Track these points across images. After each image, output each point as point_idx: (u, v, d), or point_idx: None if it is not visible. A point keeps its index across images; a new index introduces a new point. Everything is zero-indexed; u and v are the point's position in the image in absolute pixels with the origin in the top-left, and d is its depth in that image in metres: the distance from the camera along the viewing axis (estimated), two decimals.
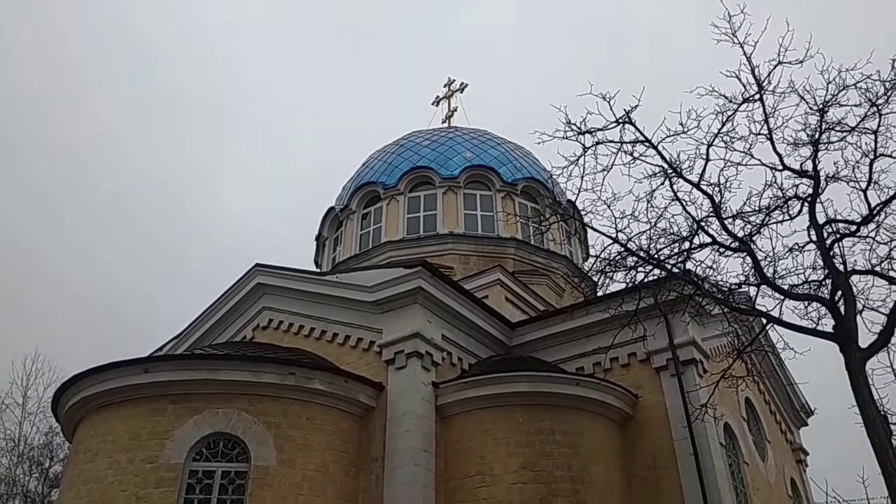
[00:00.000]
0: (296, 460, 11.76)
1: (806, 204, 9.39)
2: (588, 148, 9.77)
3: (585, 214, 10.35)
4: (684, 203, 9.63)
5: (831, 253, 9.26)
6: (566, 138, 9.77)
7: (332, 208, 24.59)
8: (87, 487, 11.46)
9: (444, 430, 13.22)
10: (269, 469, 11.48)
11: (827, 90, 9.30)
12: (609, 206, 9.72)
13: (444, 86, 29.85)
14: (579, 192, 9.73)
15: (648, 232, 9.70)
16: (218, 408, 11.82)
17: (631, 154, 9.75)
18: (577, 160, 9.71)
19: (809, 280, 9.61)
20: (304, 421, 12.21)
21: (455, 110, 28.87)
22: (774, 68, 9.47)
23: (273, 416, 11.98)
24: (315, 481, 11.79)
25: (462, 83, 29.47)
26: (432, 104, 29.90)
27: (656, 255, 9.63)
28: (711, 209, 9.46)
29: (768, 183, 9.62)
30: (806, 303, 9.48)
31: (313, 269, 24.05)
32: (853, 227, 9.37)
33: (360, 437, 12.95)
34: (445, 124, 28.18)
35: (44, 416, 25.37)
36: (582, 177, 9.72)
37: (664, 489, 13.04)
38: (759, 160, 9.62)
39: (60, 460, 25.05)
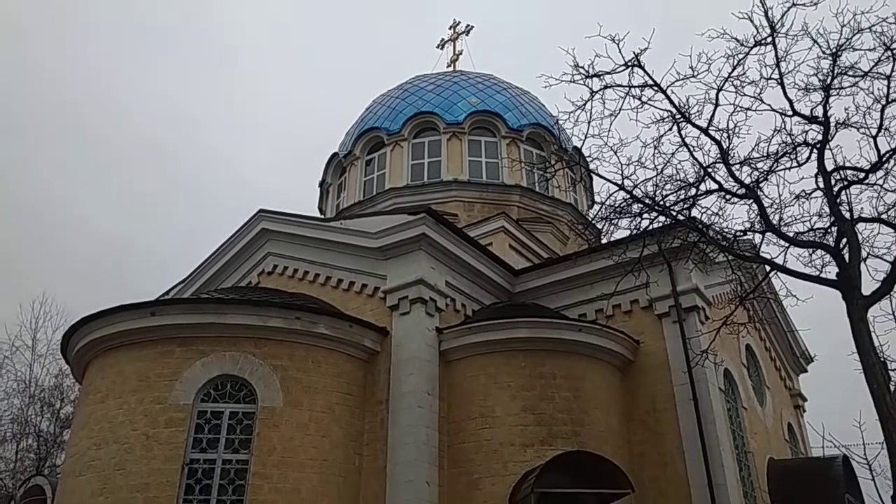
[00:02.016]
0: (302, 401, 11.99)
1: (815, 150, 9.28)
2: (596, 92, 9.63)
3: (591, 161, 10.27)
4: (692, 149, 9.53)
5: (838, 200, 9.20)
6: (573, 82, 9.63)
7: (335, 154, 24.42)
8: (98, 427, 11.74)
9: (447, 373, 13.42)
10: (276, 410, 11.72)
11: (841, 33, 9.10)
12: (615, 153, 9.63)
13: (450, 28, 29.23)
14: (585, 137, 9.62)
15: (655, 178, 9.63)
16: (225, 351, 12.00)
17: (639, 98, 9.61)
18: (585, 105, 9.57)
19: (815, 228, 9.58)
20: (310, 364, 12.41)
21: (460, 54, 28.38)
22: (788, 10, 9.25)
23: (279, 358, 12.16)
24: (321, 422, 12.05)
25: (468, 25, 28.82)
26: (437, 47, 29.35)
27: (662, 202, 9.58)
28: (719, 155, 9.37)
29: (777, 129, 9.50)
30: (810, 250, 9.46)
31: (317, 215, 24.03)
32: (861, 175, 9.29)
33: (366, 380, 13.18)
34: (450, 68, 27.70)
35: (53, 358, 25.79)
36: (589, 122, 9.60)
37: (663, 433, 13.30)
38: (769, 105, 9.48)
39: (71, 401, 25.57)
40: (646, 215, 9.77)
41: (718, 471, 12.41)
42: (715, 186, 9.51)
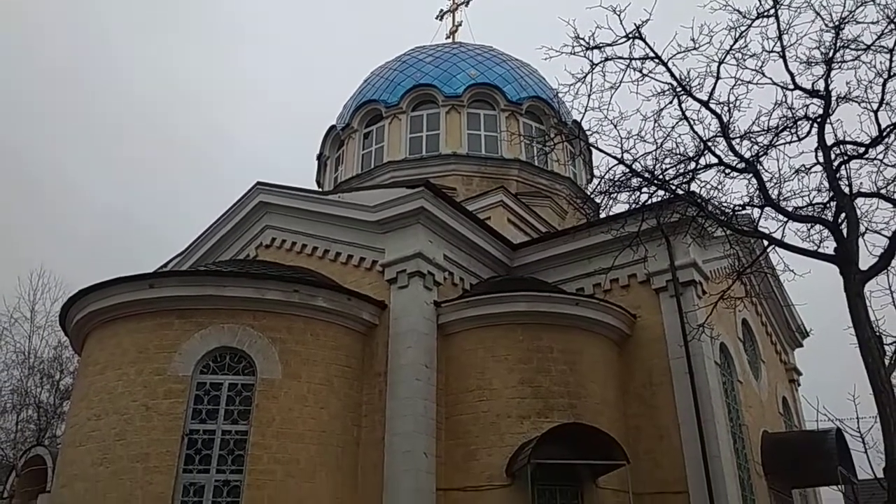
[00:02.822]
0: (301, 374, 12.07)
1: (815, 125, 9.23)
2: (596, 64, 9.53)
3: (591, 135, 10.22)
4: (692, 122, 9.47)
5: (837, 175, 9.17)
6: (574, 54, 9.53)
7: (333, 127, 24.26)
8: (97, 398, 11.82)
9: (445, 346, 13.49)
10: (275, 382, 11.80)
11: (844, 6, 9.00)
12: (615, 126, 9.57)
13: None
14: (586, 110, 9.55)
15: (654, 152, 9.59)
16: (223, 323, 12.04)
17: (640, 71, 9.53)
18: (585, 77, 9.48)
19: (814, 202, 9.56)
20: (308, 336, 12.46)
21: (460, 25, 28.10)
22: None
23: (278, 331, 12.21)
24: (320, 394, 12.14)
25: None
26: (436, 18, 29.04)
27: (661, 176, 9.54)
28: (719, 129, 9.32)
29: (778, 103, 9.44)
30: (809, 225, 9.46)
31: (315, 189, 23.94)
32: (861, 150, 9.25)
33: (364, 352, 13.25)
34: (449, 40, 27.43)
35: (52, 329, 25.86)
36: (589, 95, 9.52)
37: (658, 406, 13.42)
38: (770, 79, 9.40)
39: (70, 373, 25.70)
40: (645, 189, 9.74)
41: (713, 443, 12.55)
42: (714, 160, 9.48)
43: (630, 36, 9.43)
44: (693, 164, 9.53)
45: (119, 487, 10.83)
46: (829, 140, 9.21)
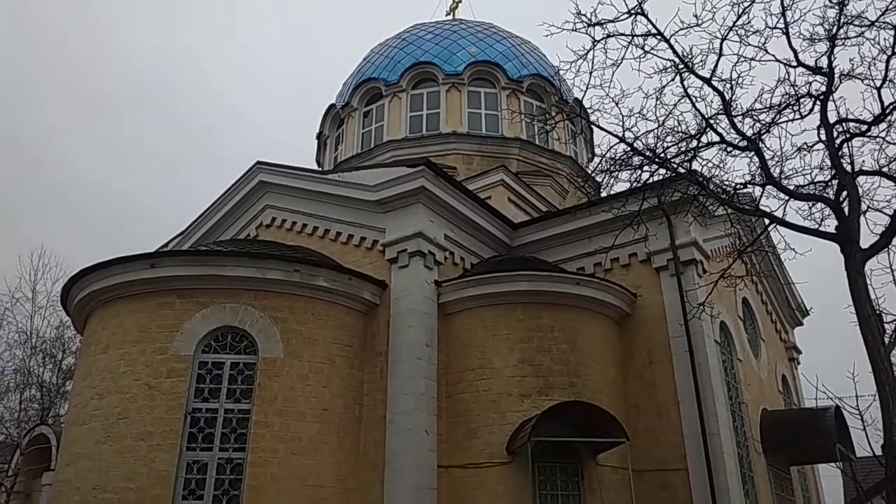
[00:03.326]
0: (302, 353, 12.12)
1: (818, 102, 9.16)
2: (598, 41, 9.43)
3: (592, 113, 10.15)
4: (694, 100, 9.40)
5: (839, 153, 9.13)
6: (575, 31, 9.42)
7: (332, 106, 24.12)
8: (100, 377, 11.89)
9: (446, 326, 13.53)
10: (277, 361, 11.86)
11: None
12: (617, 104, 9.49)
13: None
14: (587, 88, 9.47)
15: (656, 131, 9.52)
16: (224, 302, 12.07)
17: (642, 48, 9.42)
18: (586, 54, 9.39)
19: (815, 181, 9.52)
20: (309, 316, 12.49)
21: (460, 1, 27.78)
22: None
23: (279, 310, 12.24)
24: (321, 373, 12.20)
25: None
26: None
27: (662, 155, 9.50)
28: (721, 106, 9.24)
29: (781, 80, 9.36)
30: (810, 203, 9.42)
31: (315, 168, 23.86)
32: (864, 127, 9.19)
33: (365, 332, 13.29)
34: (450, 17, 27.16)
35: (53, 310, 25.95)
36: (590, 73, 9.42)
37: (658, 384, 13.49)
38: (773, 56, 9.30)
39: (73, 353, 25.80)
40: (646, 168, 9.69)
41: (712, 421, 12.63)
42: (716, 138, 9.42)
43: (632, 12, 9.32)
44: (695, 143, 9.48)
45: (123, 465, 10.93)
46: (832, 118, 9.16)
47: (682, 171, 9.61)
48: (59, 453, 12.83)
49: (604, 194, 13.17)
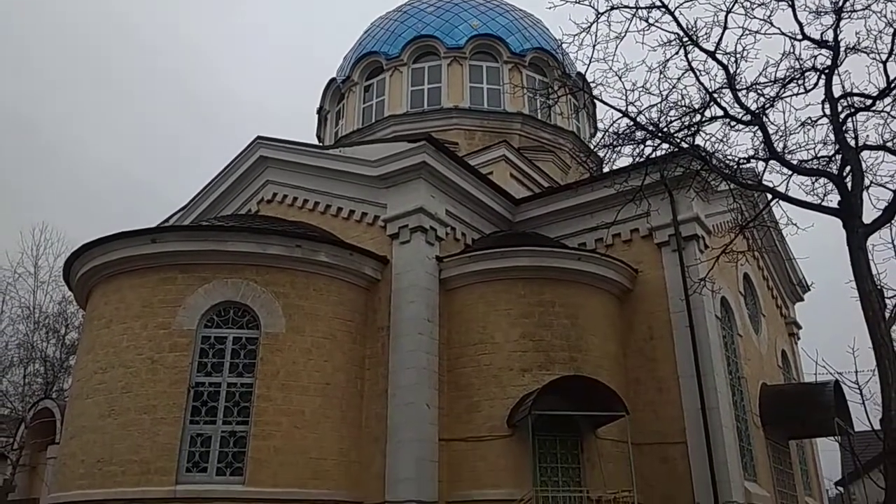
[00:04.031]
0: (304, 328, 12.17)
1: (823, 76, 9.07)
2: (601, 13, 9.31)
3: (595, 87, 10.03)
4: (698, 73, 9.30)
5: (844, 128, 9.06)
6: (579, 2, 9.31)
7: (332, 80, 23.93)
8: (103, 351, 11.96)
9: (447, 301, 13.57)
10: (279, 336, 11.91)
11: None
12: (620, 78, 9.38)
13: None
14: (590, 62, 9.34)
15: (659, 105, 9.44)
16: (226, 277, 12.10)
17: (646, 20, 9.30)
18: (590, 27, 9.28)
19: (819, 156, 9.46)
20: (311, 291, 12.53)
21: None
22: None
23: (281, 286, 12.27)
24: (323, 347, 12.27)
25: None
26: None
27: (665, 129, 9.43)
28: (725, 80, 9.16)
29: (786, 53, 9.26)
30: (813, 178, 9.37)
31: (316, 143, 23.74)
32: (868, 101, 9.11)
33: (367, 307, 13.33)
34: None
35: (56, 285, 25.98)
36: (594, 46, 9.30)
37: (658, 359, 13.56)
38: (778, 29, 9.18)
39: (76, 328, 25.90)
40: (649, 143, 9.62)
41: (712, 395, 12.72)
42: (720, 113, 9.35)
43: None
44: (698, 117, 9.40)
45: (127, 438, 11.04)
46: (837, 92, 9.07)
47: (685, 145, 9.55)
48: (64, 427, 12.95)
49: (606, 170, 13.11)
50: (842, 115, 9.05)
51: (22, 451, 19.44)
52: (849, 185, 8.70)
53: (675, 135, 9.48)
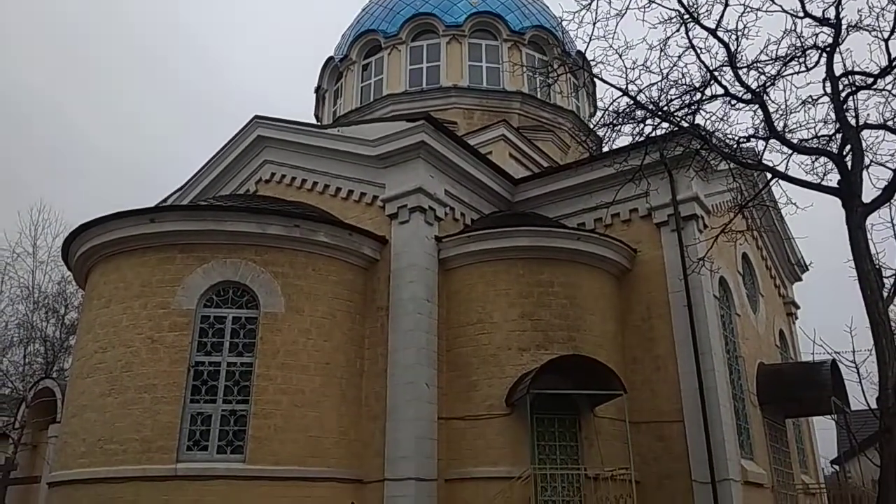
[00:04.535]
0: (304, 308, 12.19)
1: (824, 54, 9.01)
2: None
3: (595, 65, 9.96)
4: (699, 51, 9.24)
5: (844, 107, 9.02)
6: None
7: (330, 58, 23.71)
8: (103, 331, 11.99)
9: (446, 281, 13.59)
10: (279, 315, 11.94)
11: None
12: (620, 56, 9.32)
13: None
14: (590, 39, 9.28)
15: (659, 83, 9.39)
16: (225, 257, 12.10)
17: None
18: (590, 4, 9.20)
19: (819, 135, 9.43)
20: (310, 271, 12.53)
21: None
22: None
23: (280, 266, 12.28)
24: (323, 327, 12.30)
25: None
26: None
27: (666, 108, 9.38)
28: (726, 58, 9.10)
29: (787, 31, 9.19)
30: (813, 158, 9.35)
31: (314, 122, 23.60)
32: (870, 80, 9.06)
33: (366, 287, 13.35)
34: None
35: (55, 265, 26.02)
36: (594, 23, 9.23)
37: (656, 338, 13.62)
38: (779, 6, 9.11)
39: (75, 307, 25.97)
40: (649, 122, 9.58)
41: (709, 374, 12.79)
42: (721, 91, 9.30)
43: None
44: (699, 95, 9.36)
45: (128, 417, 11.11)
46: (838, 70, 9.01)
47: (685, 124, 9.51)
48: (65, 406, 13.02)
49: (605, 149, 13.07)
50: (843, 94, 9.01)
51: (23, 430, 19.55)
52: (849, 164, 8.69)
53: (676, 114, 9.44)
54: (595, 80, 12.71)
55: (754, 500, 13.24)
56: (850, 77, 9.12)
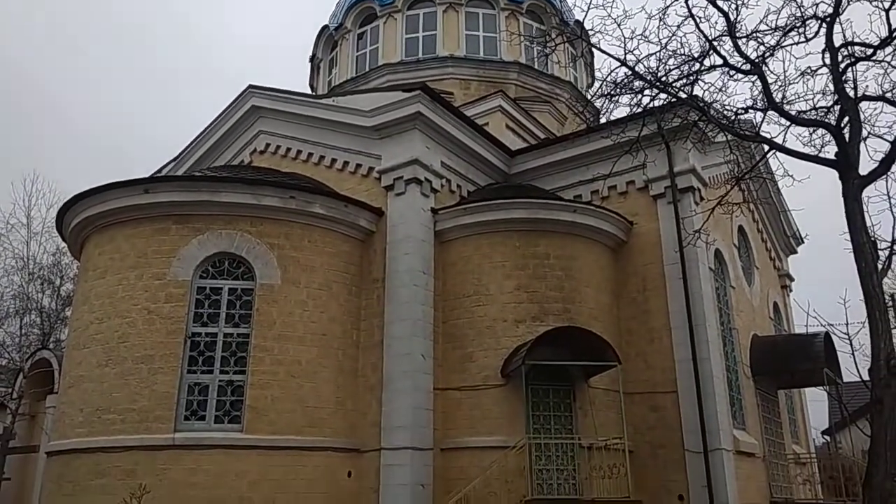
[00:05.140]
0: (300, 279, 12.19)
1: (824, 24, 8.93)
2: None
3: (593, 35, 9.87)
4: (698, 20, 9.16)
5: (843, 78, 8.97)
6: None
7: (325, 27, 23.41)
8: (99, 302, 11.98)
9: (442, 253, 13.59)
10: (275, 287, 11.94)
11: None
12: (619, 25, 9.23)
13: None
14: (588, 8, 9.19)
15: (658, 53, 9.30)
16: (221, 229, 12.06)
17: None
18: None
19: (817, 107, 9.39)
20: (306, 243, 12.51)
21: None
22: None
23: (275, 237, 12.25)
24: (319, 299, 12.31)
25: None
26: None
27: (664, 78, 9.31)
28: (726, 28, 9.02)
29: (787, 0, 9.09)
30: (811, 130, 9.33)
31: (309, 92, 23.37)
32: (869, 51, 9.00)
33: (362, 259, 13.34)
34: None
35: (49, 236, 25.94)
36: None
37: (651, 310, 13.68)
38: None
39: (70, 279, 25.94)
40: (647, 92, 9.51)
41: (703, 346, 12.87)
42: (719, 61, 9.23)
43: None
44: (697, 66, 9.28)
45: (125, 387, 11.16)
46: (837, 41, 8.94)
47: (684, 95, 9.44)
48: (62, 376, 13.06)
49: (603, 121, 12.99)
50: (842, 65, 8.95)
51: (21, 401, 19.65)
52: (846, 136, 8.65)
53: (674, 84, 9.37)
54: (593, 49, 12.56)
55: (746, 469, 13.43)
56: (849, 48, 9.06)
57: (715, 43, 9.13)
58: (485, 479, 11.17)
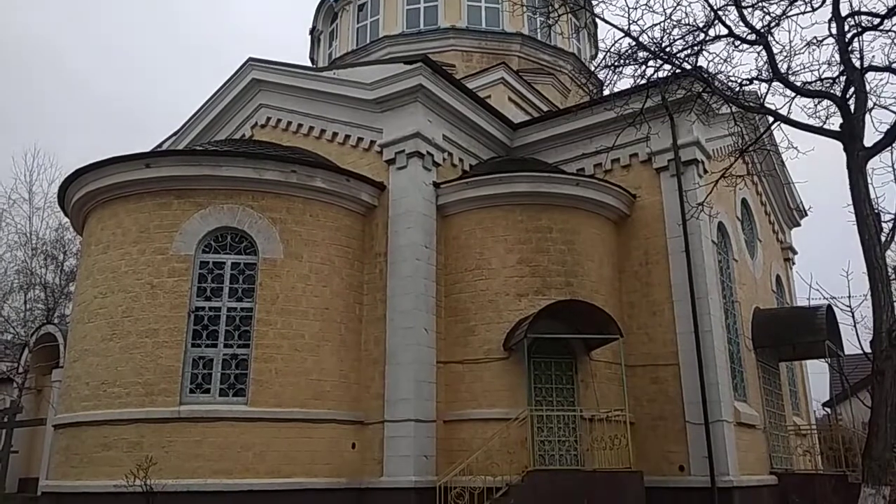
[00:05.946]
0: (302, 254, 12.21)
1: None
2: None
3: (597, 5, 9.74)
4: None
5: (849, 48, 8.86)
6: None
7: None
8: (102, 276, 12.02)
9: (444, 227, 13.58)
10: (277, 261, 11.96)
11: None
12: None
13: None
14: None
15: (663, 23, 9.19)
16: (223, 203, 12.05)
17: None
18: None
19: (823, 77, 9.30)
20: (308, 217, 12.50)
21: None
22: None
23: (277, 212, 12.24)
24: (321, 273, 12.34)
25: None
26: None
27: (668, 49, 9.20)
28: None
29: None
30: (816, 101, 9.24)
31: (309, 65, 23.15)
32: (876, 21, 8.88)
33: (364, 233, 13.34)
34: None
35: (52, 211, 25.90)
36: None
37: (653, 283, 13.69)
38: None
39: (73, 254, 25.96)
40: (651, 63, 9.41)
41: (705, 319, 12.90)
42: (725, 31, 9.12)
43: None
44: (702, 36, 9.17)
45: (130, 361, 11.25)
46: (844, 10, 8.83)
47: (688, 66, 9.34)
48: (67, 350, 13.15)
49: (606, 92, 12.87)
50: (848, 35, 8.85)
51: (27, 375, 19.83)
52: (851, 107, 8.59)
53: (678, 55, 9.27)
54: (597, 20, 12.41)
55: (746, 440, 13.53)
56: (856, 17, 8.95)
57: (720, 12, 9.03)
58: (487, 450, 11.28)
